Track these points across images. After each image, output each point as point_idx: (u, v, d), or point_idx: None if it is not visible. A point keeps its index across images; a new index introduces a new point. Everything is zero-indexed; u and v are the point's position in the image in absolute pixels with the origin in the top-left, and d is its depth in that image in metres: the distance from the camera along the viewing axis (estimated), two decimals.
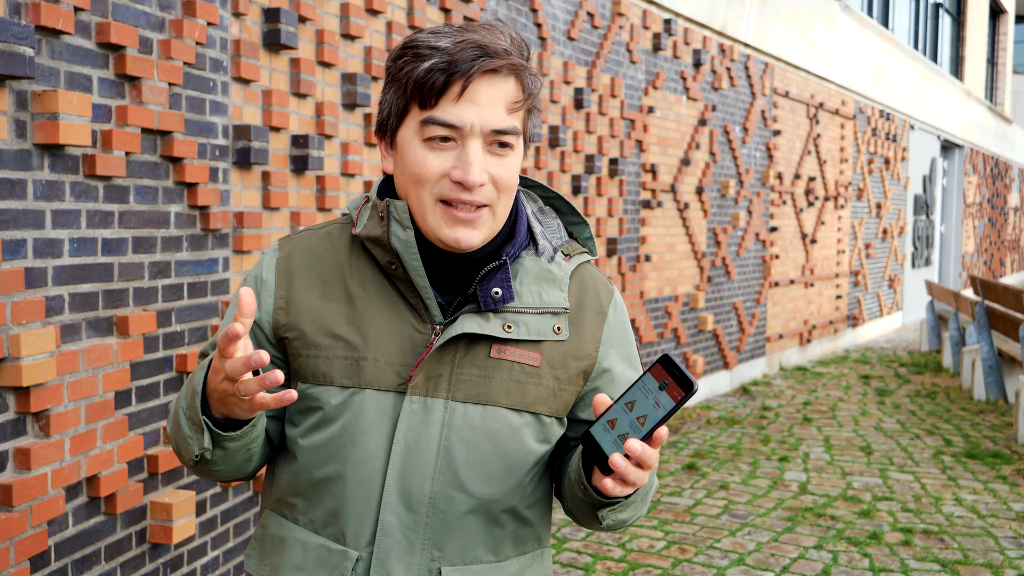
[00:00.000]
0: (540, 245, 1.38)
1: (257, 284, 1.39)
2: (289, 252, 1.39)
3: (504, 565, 1.37)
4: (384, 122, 1.34)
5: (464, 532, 1.34)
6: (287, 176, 3.70)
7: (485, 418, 1.32)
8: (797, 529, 4.87)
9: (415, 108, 1.28)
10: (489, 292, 1.31)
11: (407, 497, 1.31)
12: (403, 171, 1.31)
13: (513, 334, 1.33)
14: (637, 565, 4.36)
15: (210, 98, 3.28)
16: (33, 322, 2.59)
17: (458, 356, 1.32)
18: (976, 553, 4.55)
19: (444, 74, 1.25)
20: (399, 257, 1.31)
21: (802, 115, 10.23)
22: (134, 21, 2.92)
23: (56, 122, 2.59)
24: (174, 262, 3.16)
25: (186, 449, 1.32)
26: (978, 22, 19.76)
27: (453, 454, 1.32)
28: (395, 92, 1.30)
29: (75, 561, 2.79)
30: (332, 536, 1.34)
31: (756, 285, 9.26)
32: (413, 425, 1.31)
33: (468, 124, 1.26)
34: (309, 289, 1.36)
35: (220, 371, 1.18)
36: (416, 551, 1.32)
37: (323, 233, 1.41)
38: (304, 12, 3.73)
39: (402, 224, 1.31)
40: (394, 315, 1.33)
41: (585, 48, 6.27)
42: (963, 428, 7.26)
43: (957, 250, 17.72)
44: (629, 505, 1.31)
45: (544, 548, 1.45)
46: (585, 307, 1.40)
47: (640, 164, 7.06)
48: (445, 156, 1.28)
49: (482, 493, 1.33)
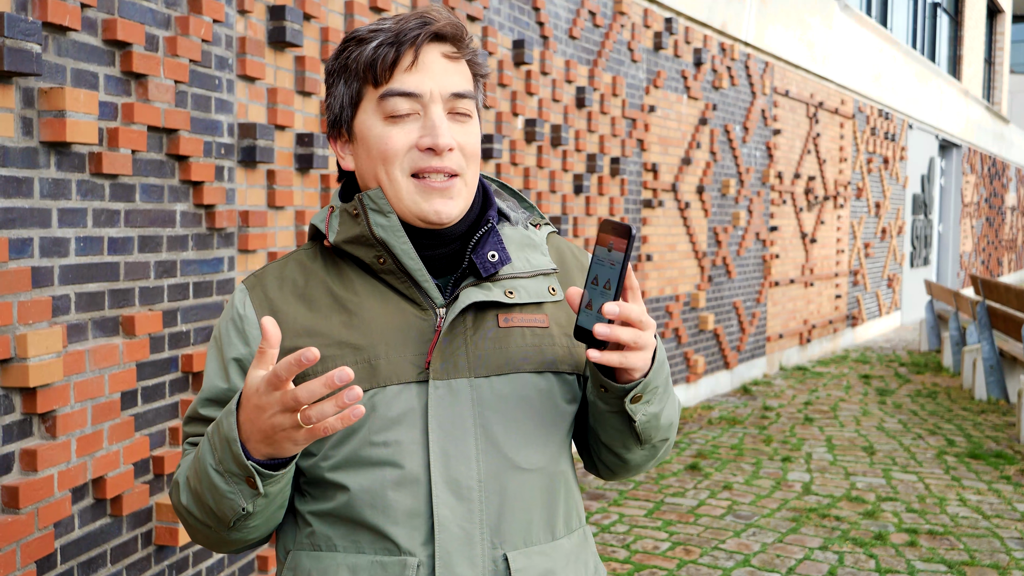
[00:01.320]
0: (512, 216, 1.41)
1: (237, 325, 1.33)
2: (262, 286, 1.35)
3: (559, 544, 1.34)
4: (337, 118, 1.33)
5: (519, 512, 1.30)
6: (292, 175, 3.68)
7: (513, 386, 1.31)
8: (802, 530, 4.85)
9: (369, 89, 1.29)
10: (485, 256, 1.32)
11: (455, 485, 1.26)
12: (368, 156, 1.30)
13: (516, 299, 1.33)
14: (642, 566, 4.33)
15: (216, 96, 3.26)
16: (40, 322, 2.56)
17: (468, 333, 1.30)
18: (982, 554, 4.54)
19: (393, 47, 1.27)
20: (386, 246, 1.29)
21: (802, 114, 10.22)
22: (140, 18, 2.89)
23: (63, 120, 2.56)
24: (180, 261, 3.13)
25: (229, 509, 1.22)
26: (975, 21, 19.77)
27: (491, 430, 1.29)
28: (344, 83, 1.31)
29: (81, 564, 2.76)
30: (383, 549, 1.27)
31: (756, 285, 9.25)
32: (443, 410, 1.27)
33: (427, 91, 1.28)
34: (296, 310, 1.32)
35: (270, 407, 1.12)
36: (476, 542, 1.27)
37: (291, 261, 1.38)
38: (309, 10, 3.70)
39: (382, 211, 1.29)
40: (392, 309, 1.31)
41: (587, 47, 6.25)
42: (965, 428, 7.25)
43: (955, 250, 17.73)
44: (653, 393, 1.27)
45: (585, 527, 1.43)
46: (569, 266, 1.42)
47: (641, 163, 7.04)
48: (409, 128, 1.28)
49: (529, 462, 1.31)
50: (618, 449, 1.36)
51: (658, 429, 1.33)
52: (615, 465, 1.41)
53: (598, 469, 1.46)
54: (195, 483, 1.26)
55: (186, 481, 1.29)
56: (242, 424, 1.17)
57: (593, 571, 1.41)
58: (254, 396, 1.14)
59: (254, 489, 1.20)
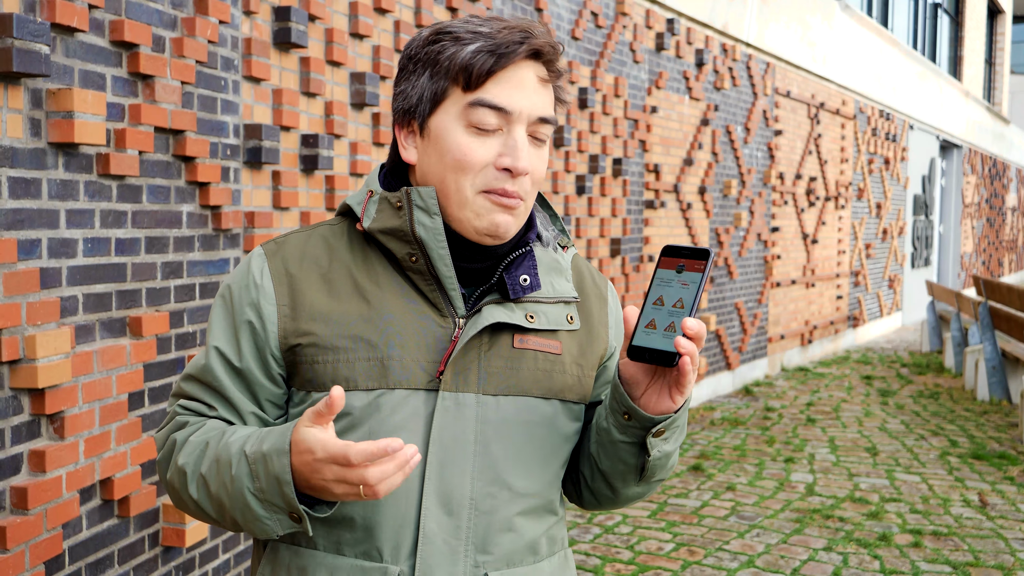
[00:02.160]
0: (544, 236, 1.37)
1: (251, 293, 1.29)
2: (283, 256, 1.31)
3: (541, 566, 1.33)
4: (411, 108, 1.28)
5: (507, 533, 1.29)
6: (297, 176, 3.68)
7: (519, 409, 1.29)
8: (806, 531, 4.85)
9: (456, 91, 1.24)
10: (517, 280, 1.29)
11: (447, 500, 1.25)
12: (440, 159, 1.26)
13: (535, 324, 1.31)
14: (647, 567, 4.33)
15: (222, 97, 3.26)
16: (48, 323, 2.56)
17: (483, 348, 1.28)
18: (987, 555, 4.54)
19: (493, 56, 1.22)
20: (423, 247, 1.26)
21: (803, 115, 10.22)
22: (147, 19, 2.89)
23: (71, 121, 2.56)
24: (186, 262, 3.13)
25: (259, 530, 1.22)
26: (976, 22, 19.78)
27: (490, 449, 1.27)
28: (430, 76, 1.26)
29: (89, 564, 2.76)
30: (364, 554, 1.25)
31: (758, 285, 9.25)
32: (447, 422, 1.25)
33: (518, 109, 1.24)
34: (315, 291, 1.28)
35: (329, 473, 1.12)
36: (459, 559, 1.26)
37: (315, 235, 1.34)
38: (314, 11, 3.70)
39: (428, 212, 1.25)
40: (412, 310, 1.28)
41: (589, 48, 6.25)
42: (968, 429, 7.25)
43: (956, 250, 17.73)
44: (676, 430, 1.27)
45: (567, 549, 1.42)
46: (588, 295, 1.41)
47: (643, 164, 7.04)
48: (490, 144, 1.25)
49: (523, 487, 1.29)
50: (615, 482, 1.34)
51: (664, 468, 1.32)
52: (604, 497, 1.39)
53: (582, 498, 1.44)
54: (218, 490, 1.24)
55: (200, 479, 1.25)
56: (296, 468, 1.16)
57: None
58: (306, 454, 1.13)
59: (297, 524, 1.20)
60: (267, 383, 1.30)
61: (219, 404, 1.31)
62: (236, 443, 1.23)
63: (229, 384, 1.29)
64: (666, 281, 1.18)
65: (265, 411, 1.31)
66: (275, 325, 1.28)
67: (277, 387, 1.30)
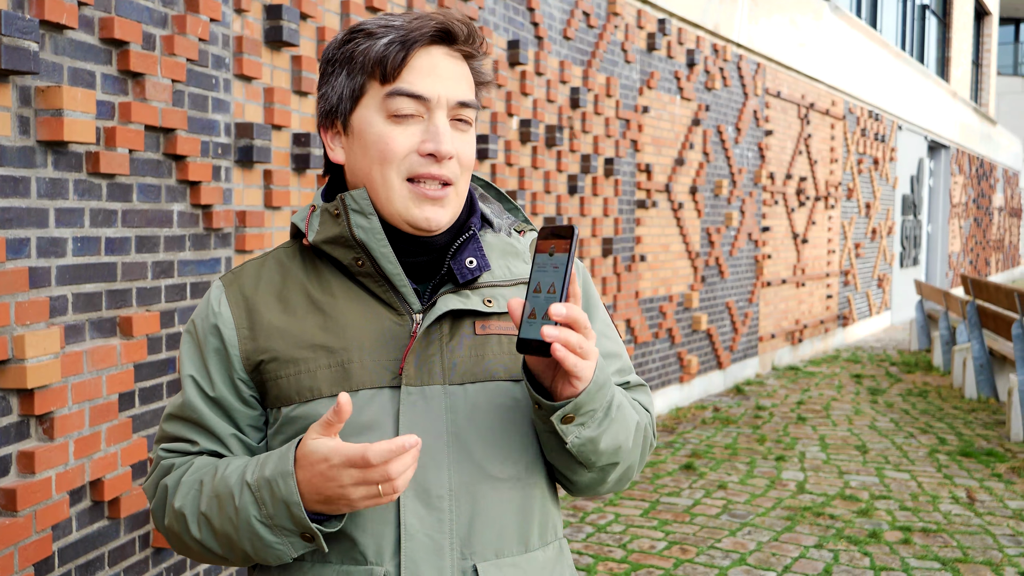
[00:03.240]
0: (495, 223, 1.38)
1: (211, 321, 1.32)
2: (239, 284, 1.34)
3: (533, 556, 1.31)
4: (333, 109, 1.30)
5: (491, 522, 1.27)
6: (289, 175, 3.66)
7: (488, 394, 1.28)
8: (797, 528, 4.86)
9: (374, 85, 1.26)
10: (464, 263, 1.30)
11: (425, 494, 1.24)
12: (364, 153, 1.28)
13: (494, 307, 1.30)
14: (639, 566, 4.33)
15: (212, 95, 3.24)
16: (37, 323, 2.55)
17: (444, 339, 1.28)
18: (975, 551, 4.55)
19: (404, 46, 1.24)
20: (365, 248, 1.27)
21: (793, 115, 10.25)
22: (137, 16, 2.88)
23: (60, 119, 2.55)
24: (177, 262, 3.11)
25: (272, 556, 1.23)
26: (963, 24, 19.87)
27: (463, 438, 1.26)
28: (347, 74, 1.27)
29: (79, 566, 2.74)
30: (350, 559, 1.25)
31: (749, 285, 9.27)
32: (415, 416, 1.25)
33: (436, 95, 1.26)
34: (271, 310, 1.30)
35: (346, 478, 1.14)
36: (445, 552, 1.24)
37: (269, 259, 1.36)
38: (305, 9, 3.69)
39: (363, 212, 1.27)
40: (368, 312, 1.28)
41: (581, 48, 6.25)
42: (956, 426, 7.27)
43: (944, 250, 17.81)
44: (589, 416, 1.21)
45: (562, 539, 1.40)
46: None
47: (635, 164, 7.04)
48: (412, 131, 1.26)
49: (502, 472, 1.28)
50: (563, 470, 1.31)
51: (598, 454, 1.26)
52: (565, 485, 1.37)
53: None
54: (223, 525, 1.24)
55: (201, 518, 1.25)
56: (300, 484, 1.17)
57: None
58: (320, 464, 1.14)
59: (310, 543, 1.21)
60: (242, 407, 1.32)
61: (201, 437, 1.32)
62: (234, 474, 1.24)
63: (207, 412, 1.31)
64: (541, 266, 1.14)
65: (246, 435, 1.33)
66: (236, 348, 1.30)
67: (252, 409, 1.32)
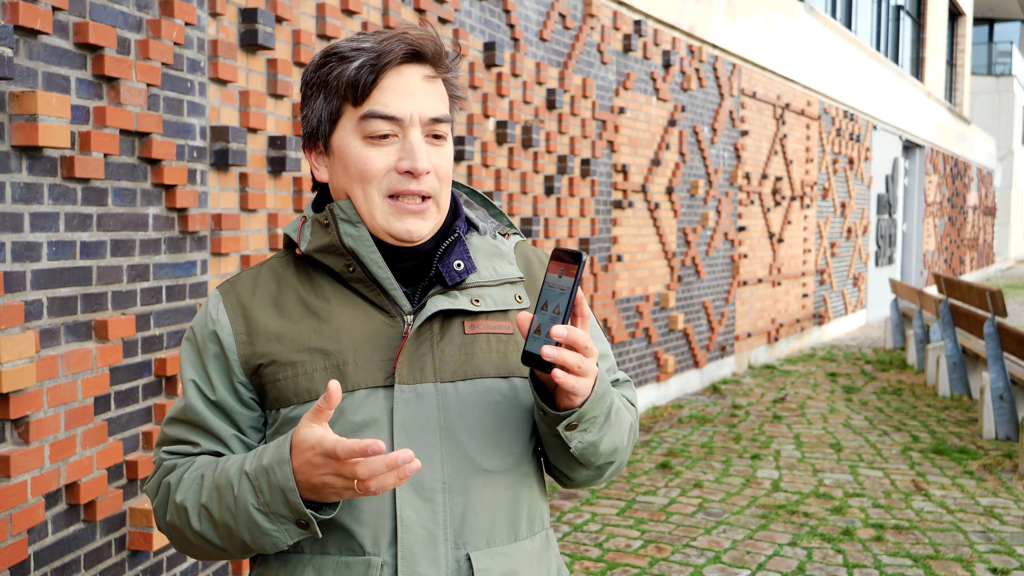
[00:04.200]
0: (480, 227, 1.44)
1: (210, 328, 1.37)
2: (236, 292, 1.39)
3: (522, 545, 1.37)
4: (314, 131, 1.36)
5: (483, 513, 1.33)
6: (264, 177, 3.67)
7: (478, 391, 1.34)
8: (771, 526, 4.91)
9: (348, 108, 1.32)
10: (451, 265, 1.36)
11: (420, 488, 1.30)
12: (345, 172, 1.33)
13: (482, 307, 1.37)
14: (615, 564, 4.37)
15: (188, 99, 3.25)
16: (12, 327, 2.55)
17: (435, 339, 1.34)
18: (947, 548, 4.62)
19: (374, 69, 1.30)
20: (355, 255, 1.33)
21: (769, 115, 10.32)
22: (112, 21, 2.88)
23: (35, 124, 2.55)
24: (152, 265, 3.12)
25: (269, 544, 1.28)
26: (938, 24, 20.05)
27: (455, 433, 1.32)
28: (324, 98, 1.33)
29: (55, 569, 2.75)
30: (348, 549, 1.31)
31: (725, 284, 9.33)
32: (410, 414, 1.31)
33: (408, 114, 1.31)
34: (268, 316, 1.36)
35: (325, 468, 1.18)
36: (439, 543, 1.31)
37: (264, 268, 1.42)
38: (281, 12, 3.70)
39: (351, 221, 1.33)
40: (362, 316, 1.34)
41: (557, 49, 6.29)
42: (929, 424, 7.36)
43: (919, 248, 17.98)
44: (591, 422, 1.29)
45: (548, 529, 1.46)
46: (534, 274, 1.47)
47: (611, 164, 7.08)
48: (388, 151, 1.32)
49: (493, 465, 1.34)
50: (563, 468, 1.39)
51: (598, 455, 1.35)
52: (562, 480, 1.44)
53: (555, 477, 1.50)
54: (222, 515, 1.29)
55: (201, 510, 1.30)
56: (295, 471, 1.22)
57: (556, 572, 1.44)
58: (308, 451, 1.19)
59: (305, 530, 1.25)
60: (242, 409, 1.37)
61: (202, 438, 1.37)
62: (233, 466, 1.29)
63: (209, 415, 1.37)
64: (551, 285, 1.21)
65: (247, 435, 1.38)
66: (235, 353, 1.36)
67: (252, 411, 1.38)
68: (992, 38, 34.11)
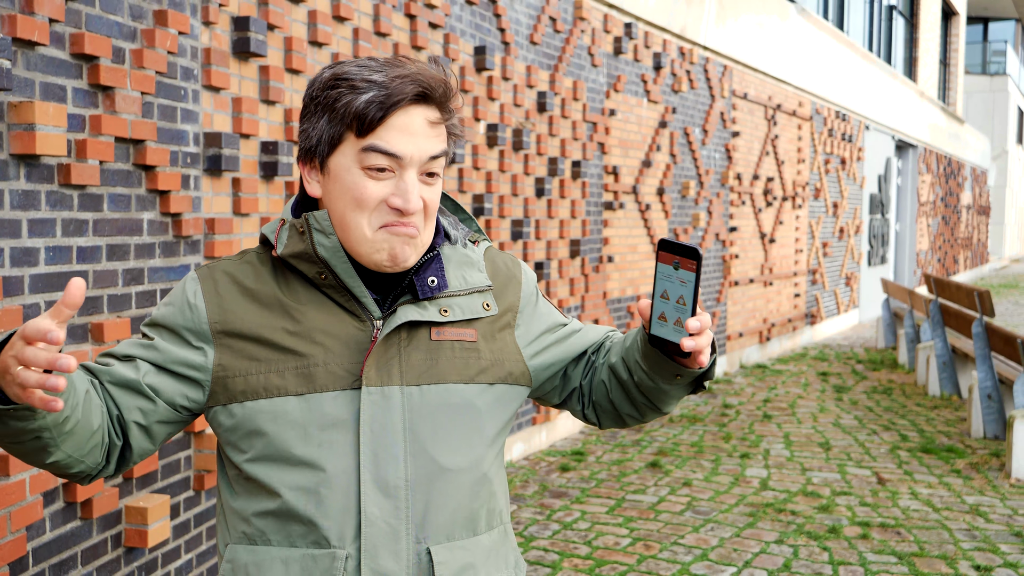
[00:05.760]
0: (452, 235, 1.51)
1: (185, 314, 1.41)
2: (214, 279, 1.43)
3: (479, 540, 1.45)
4: (312, 148, 1.39)
5: (443, 509, 1.41)
6: (257, 182, 3.74)
7: (440, 395, 1.41)
8: (759, 524, 4.99)
9: (351, 137, 1.36)
10: (426, 281, 1.43)
11: (384, 485, 1.37)
12: (340, 196, 1.38)
13: (450, 316, 1.44)
14: (603, 562, 4.44)
15: (181, 106, 3.32)
16: (11, 330, 2.62)
17: (402, 344, 1.41)
18: (932, 545, 4.70)
19: (383, 107, 1.34)
20: (327, 265, 1.38)
21: (760, 116, 10.40)
22: (107, 31, 2.95)
23: (32, 132, 2.62)
24: (147, 269, 3.19)
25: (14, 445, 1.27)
26: (931, 24, 20.14)
27: (419, 433, 1.39)
28: (328, 121, 1.37)
29: (52, 566, 2.82)
30: (314, 543, 1.37)
31: (716, 284, 9.41)
32: (376, 414, 1.38)
33: (408, 154, 1.36)
34: (245, 310, 1.41)
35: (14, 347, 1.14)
36: (401, 537, 1.38)
37: (244, 262, 1.46)
38: (273, 20, 3.77)
39: (324, 232, 1.38)
40: (334, 321, 1.41)
41: (548, 52, 6.35)
42: (918, 423, 7.44)
43: (912, 248, 18.06)
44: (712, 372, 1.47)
45: (506, 524, 1.54)
46: (501, 279, 1.54)
47: (602, 166, 7.15)
48: (384, 184, 1.36)
49: (454, 464, 1.41)
50: (647, 414, 1.55)
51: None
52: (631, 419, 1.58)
53: (599, 418, 1.61)
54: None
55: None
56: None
57: (513, 566, 1.53)
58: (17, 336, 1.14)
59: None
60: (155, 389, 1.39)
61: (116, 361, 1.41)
62: None
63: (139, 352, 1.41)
64: (666, 276, 1.31)
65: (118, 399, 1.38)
66: (211, 342, 1.40)
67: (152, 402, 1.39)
68: (986, 37, 34.22)
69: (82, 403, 1.29)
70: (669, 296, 1.31)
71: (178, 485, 3.38)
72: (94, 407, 1.32)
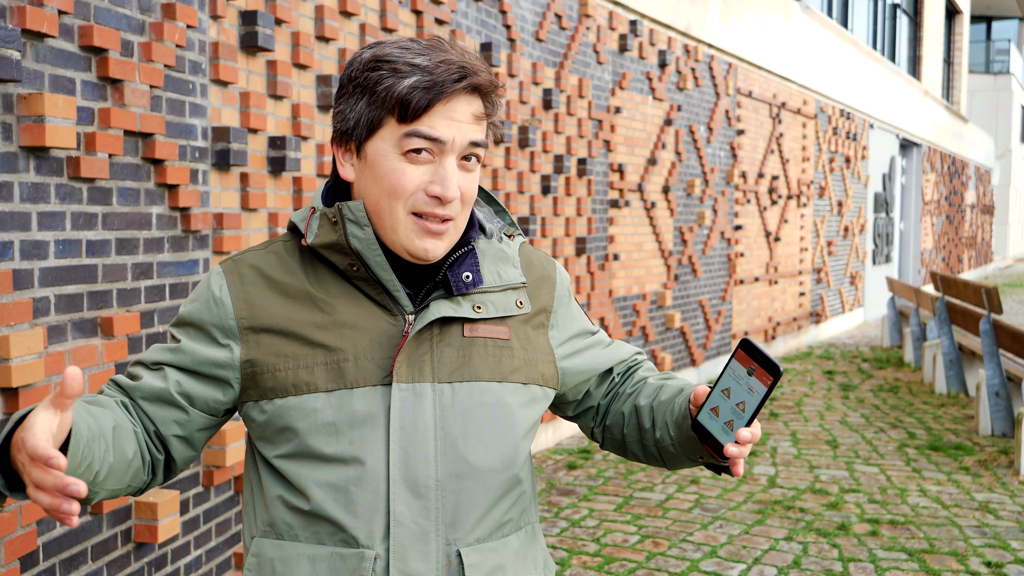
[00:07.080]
0: (487, 228, 1.46)
1: (212, 309, 1.37)
2: (240, 273, 1.39)
3: (509, 541, 1.41)
4: (349, 131, 1.35)
5: (473, 510, 1.37)
6: (265, 177, 3.73)
7: (473, 393, 1.37)
8: (767, 521, 4.97)
9: (392, 121, 1.31)
10: (460, 277, 1.38)
11: (414, 484, 1.33)
12: (375, 181, 1.34)
13: (483, 313, 1.40)
14: (612, 559, 4.43)
15: (190, 100, 3.31)
16: (21, 323, 2.61)
17: (434, 340, 1.37)
18: (942, 542, 4.68)
19: (429, 92, 1.29)
20: (360, 257, 1.34)
21: (765, 114, 10.38)
22: (116, 24, 2.94)
23: (42, 125, 2.61)
24: (156, 263, 3.18)
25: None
26: (935, 22, 20.12)
27: (450, 432, 1.35)
28: (367, 104, 1.32)
29: (63, 560, 2.80)
30: (342, 542, 1.33)
31: (722, 283, 9.39)
32: (407, 411, 1.34)
33: (450, 139, 1.31)
34: (272, 304, 1.37)
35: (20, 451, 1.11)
36: (431, 538, 1.34)
37: (270, 252, 1.42)
38: (280, 14, 3.76)
39: (359, 223, 1.34)
40: (364, 314, 1.36)
41: (553, 49, 6.34)
42: (926, 421, 7.42)
43: (916, 247, 18.03)
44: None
45: (535, 524, 1.50)
46: (535, 277, 1.50)
47: (608, 164, 7.14)
48: (423, 170, 1.32)
49: (485, 464, 1.37)
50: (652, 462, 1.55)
51: None
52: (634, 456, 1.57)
53: (603, 441, 1.60)
54: None
55: None
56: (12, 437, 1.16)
57: (542, 567, 1.49)
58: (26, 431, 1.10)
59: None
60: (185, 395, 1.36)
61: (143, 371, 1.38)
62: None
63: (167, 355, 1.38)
64: (736, 376, 1.26)
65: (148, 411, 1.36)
66: (237, 338, 1.36)
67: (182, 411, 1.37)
68: (990, 36, 34.20)
69: (111, 446, 1.24)
70: (731, 395, 1.27)
71: (187, 481, 3.36)
72: (125, 439, 1.28)
